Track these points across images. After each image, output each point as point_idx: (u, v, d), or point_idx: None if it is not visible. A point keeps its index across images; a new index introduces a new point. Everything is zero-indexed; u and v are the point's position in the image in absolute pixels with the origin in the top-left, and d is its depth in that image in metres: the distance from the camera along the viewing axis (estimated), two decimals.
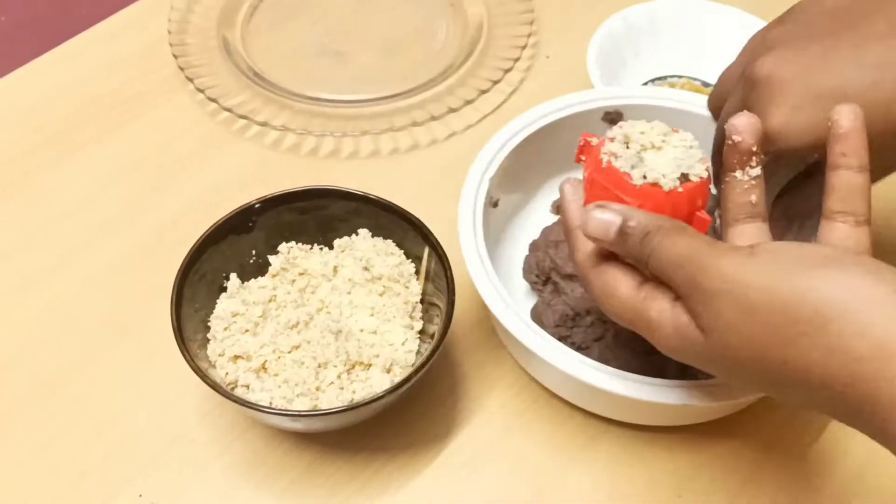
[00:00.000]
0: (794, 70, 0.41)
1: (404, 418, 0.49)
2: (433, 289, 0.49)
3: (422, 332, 0.49)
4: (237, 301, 0.49)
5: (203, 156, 0.63)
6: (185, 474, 0.48)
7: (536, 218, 0.57)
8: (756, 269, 0.32)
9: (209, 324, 0.48)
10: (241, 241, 0.50)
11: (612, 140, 0.39)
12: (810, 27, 0.43)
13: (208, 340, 0.47)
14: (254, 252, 0.51)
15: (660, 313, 0.35)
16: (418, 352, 0.48)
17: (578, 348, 0.49)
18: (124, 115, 0.65)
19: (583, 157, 0.41)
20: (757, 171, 0.39)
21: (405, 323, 0.48)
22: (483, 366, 0.52)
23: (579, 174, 0.56)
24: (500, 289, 0.47)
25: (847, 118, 0.37)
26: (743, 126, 0.38)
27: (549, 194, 0.58)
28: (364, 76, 0.67)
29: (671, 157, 0.38)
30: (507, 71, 0.66)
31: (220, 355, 0.46)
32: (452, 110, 0.63)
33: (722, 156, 0.40)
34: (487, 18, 0.70)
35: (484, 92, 0.64)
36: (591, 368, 0.43)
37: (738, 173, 0.39)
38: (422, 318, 0.49)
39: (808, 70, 0.41)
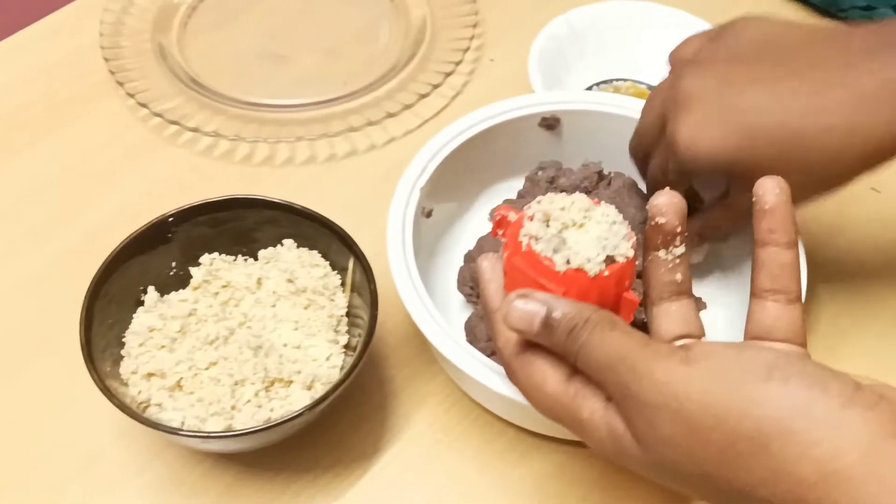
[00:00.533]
0: (712, 87, 0.41)
1: (331, 436, 0.48)
2: (361, 302, 0.47)
3: (348, 346, 0.47)
4: (154, 315, 0.47)
5: (134, 162, 0.61)
6: (101, 496, 0.46)
7: (473, 227, 0.55)
8: (692, 380, 0.29)
9: (124, 339, 0.46)
10: (158, 254, 0.48)
11: (531, 218, 0.36)
12: (736, 51, 0.43)
13: (122, 357, 0.45)
14: (173, 264, 0.49)
15: (592, 414, 0.33)
16: (343, 367, 0.46)
17: None
18: (54, 121, 0.63)
19: (500, 232, 0.38)
20: (681, 249, 0.37)
21: (330, 337, 0.47)
22: (414, 380, 0.50)
23: (517, 183, 0.55)
24: (428, 303, 0.45)
25: (772, 193, 0.35)
26: (666, 206, 0.36)
27: (486, 203, 0.56)
28: (304, 80, 0.66)
29: (594, 235, 0.35)
30: (449, 74, 0.64)
31: (133, 373, 0.45)
32: (391, 115, 0.61)
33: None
34: (431, 20, 0.69)
35: (424, 96, 0.63)
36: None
37: (661, 252, 0.37)
38: (348, 332, 0.48)
39: (725, 89, 0.41)
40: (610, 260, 0.35)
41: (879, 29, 0.41)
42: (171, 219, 0.47)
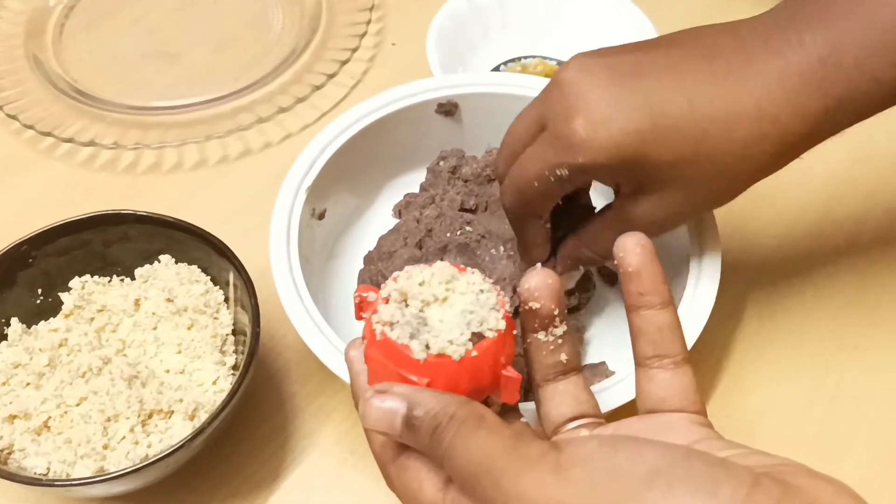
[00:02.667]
0: (604, 76, 0.36)
1: (227, 465, 0.44)
2: (246, 318, 0.43)
3: (236, 367, 0.43)
4: (20, 350, 0.42)
5: (5, 180, 0.56)
6: None
7: (376, 224, 0.52)
8: (565, 494, 0.25)
9: None
10: (18, 283, 0.43)
11: (385, 300, 0.31)
12: (622, 48, 0.38)
13: None
14: (39, 291, 0.44)
15: None
16: (230, 390, 0.42)
17: None
18: None
19: (364, 315, 0.33)
20: (562, 328, 0.33)
21: (216, 359, 0.43)
22: (317, 397, 0.47)
23: (419, 175, 0.52)
24: (316, 314, 0.41)
25: (633, 253, 0.32)
26: (539, 290, 0.32)
27: (389, 197, 0.53)
28: (192, 78, 0.61)
29: (459, 310, 0.31)
30: (345, 63, 0.60)
31: None
32: (283, 110, 0.57)
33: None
34: (327, 4, 0.65)
35: (318, 87, 0.59)
36: None
37: (540, 335, 0.33)
38: (235, 351, 0.44)
39: (619, 77, 0.36)
40: (478, 337, 0.30)
41: (765, 15, 0.37)
42: (24, 246, 0.43)
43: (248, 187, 0.56)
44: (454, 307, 0.31)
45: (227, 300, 0.45)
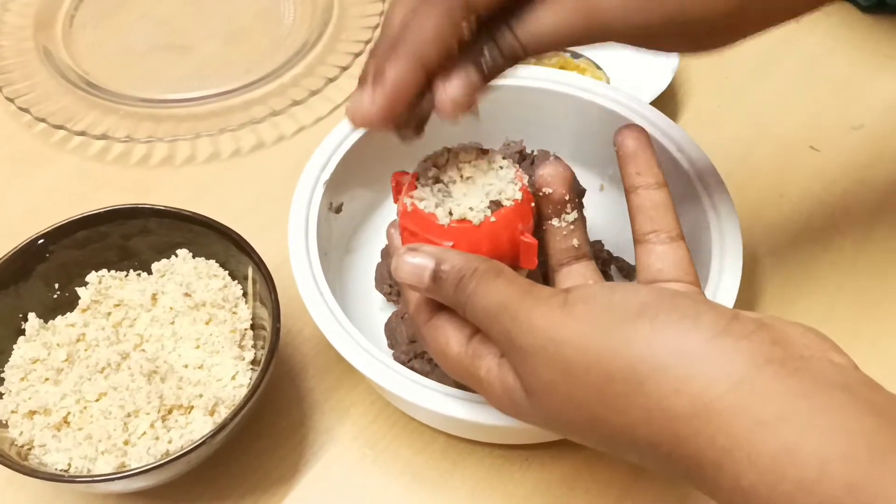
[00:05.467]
0: None
1: (246, 461, 0.44)
2: (265, 312, 0.43)
3: (255, 362, 0.43)
4: (37, 345, 0.42)
5: (17, 174, 0.56)
6: None
7: (393, 219, 0.51)
8: (568, 323, 0.28)
9: (3, 375, 0.41)
10: (36, 277, 0.43)
11: (415, 177, 0.36)
12: None
13: (2, 395, 0.41)
14: (56, 286, 0.44)
15: (487, 373, 0.32)
16: (250, 385, 0.42)
17: (435, 365, 0.44)
18: None
19: (400, 197, 0.37)
20: (574, 214, 0.36)
21: (234, 354, 0.42)
22: (336, 392, 0.46)
23: None
24: (336, 309, 0.41)
25: (631, 138, 0.36)
26: (551, 176, 0.36)
27: None
28: (203, 70, 0.61)
29: (480, 184, 0.35)
30: (358, 55, 0.60)
31: (13, 412, 0.40)
32: (297, 103, 0.57)
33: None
34: None
35: (332, 80, 0.58)
36: (441, 395, 0.38)
37: (554, 221, 0.36)
38: (254, 346, 0.43)
39: None
40: (496, 205, 0.34)
41: None
42: (41, 240, 0.42)
43: (262, 181, 0.55)
44: (476, 183, 0.35)
45: (245, 295, 0.44)
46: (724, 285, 0.42)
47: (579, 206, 0.37)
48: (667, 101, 0.58)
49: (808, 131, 0.57)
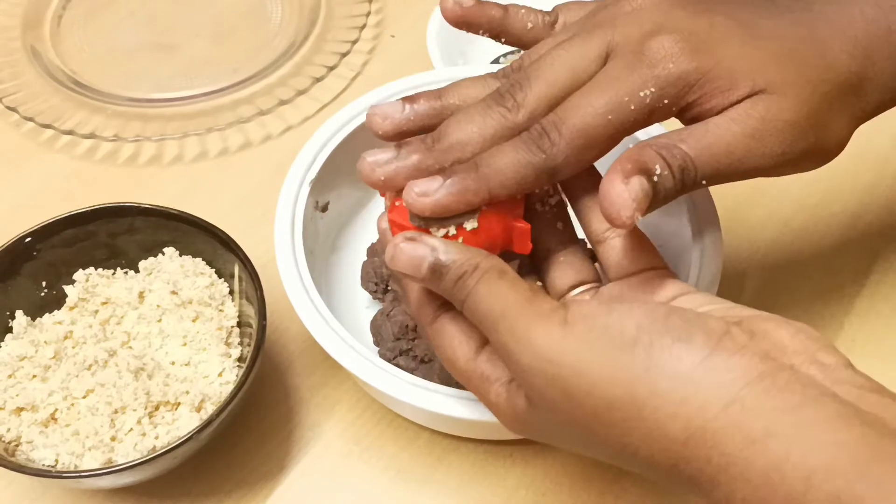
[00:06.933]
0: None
1: (233, 457, 0.44)
2: (252, 310, 0.43)
3: (241, 359, 0.43)
4: (25, 342, 0.43)
5: (5, 173, 0.56)
6: None
7: (383, 212, 0.52)
8: (568, 345, 0.28)
9: None
10: (23, 275, 0.43)
11: None
12: None
13: None
14: (43, 284, 0.44)
15: (497, 397, 0.32)
16: (237, 382, 0.42)
17: (421, 361, 0.44)
18: None
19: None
20: (556, 198, 0.36)
21: (221, 351, 0.43)
22: (322, 388, 0.47)
23: None
24: (322, 306, 0.41)
25: None
26: None
27: None
28: (191, 70, 0.61)
29: None
30: (345, 55, 0.60)
31: (0, 409, 0.40)
32: (284, 102, 0.57)
33: None
34: None
35: (319, 80, 0.59)
36: (426, 391, 0.39)
37: (537, 206, 0.36)
38: (241, 343, 0.44)
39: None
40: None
41: None
42: (29, 238, 0.43)
43: (249, 180, 0.56)
44: None
45: (231, 293, 0.45)
46: (703, 284, 0.42)
47: (559, 190, 0.37)
48: None
49: None
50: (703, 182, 0.33)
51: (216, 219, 0.45)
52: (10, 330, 0.43)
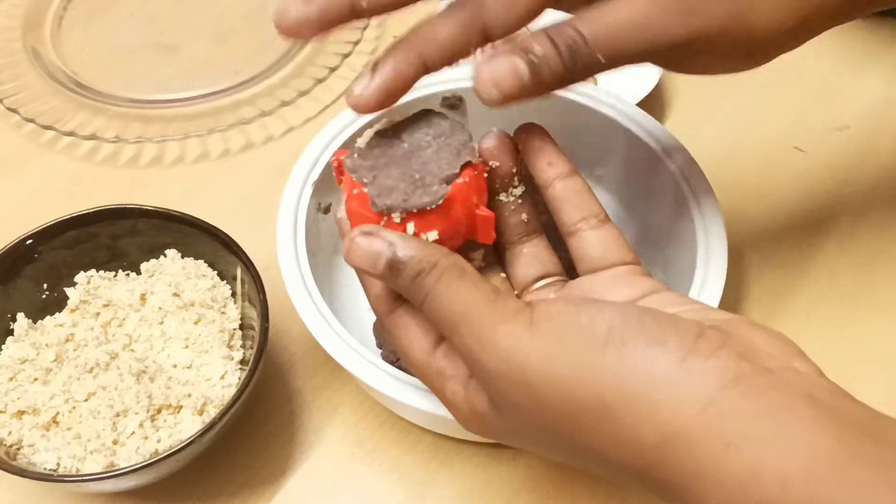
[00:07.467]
0: None
1: (235, 459, 0.44)
2: (254, 312, 0.43)
3: (244, 361, 0.43)
4: (26, 345, 0.42)
5: (6, 174, 0.56)
6: None
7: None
8: (535, 346, 0.27)
9: None
10: (24, 277, 0.43)
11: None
12: None
13: None
14: (45, 286, 0.44)
15: (454, 395, 0.31)
16: (239, 385, 0.42)
17: None
18: None
19: (342, 179, 0.34)
20: (521, 188, 0.35)
21: (223, 353, 0.43)
22: (324, 391, 0.47)
23: None
24: (324, 308, 0.41)
25: (534, 134, 0.34)
26: (497, 149, 0.34)
27: None
28: (192, 71, 0.61)
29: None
30: (346, 56, 0.60)
31: (1, 412, 0.40)
32: (285, 104, 0.57)
33: None
34: None
35: (320, 81, 0.58)
36: (427, 394, 0.38)
37: (501, 196, 0.35)
38: (243, 345, 0.44)
39: None
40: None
41: None
42: (30, 240, 0.43)
43: (251, 181, 0.56)
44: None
45: (233, 295, 0.45)
46: (709, 285, 0.42)
47: (526, 179, 0.35)
48: (653, 103, 0.59)
49: (792, 132, 0.58)
50: (603, 62, 0.31)
51: (218, 220, 0.45)
52: (11, 332, 0.43)
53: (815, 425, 0.24)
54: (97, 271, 0.45)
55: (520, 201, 0.35)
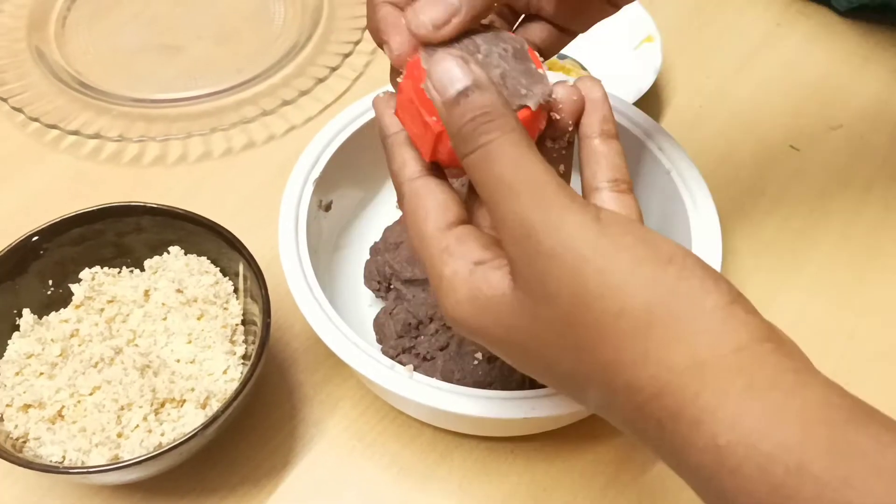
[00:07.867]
0: None
1: (238, 452, 0.45)
2: (256, 308, 0.44)
3: (246, 356, 0.44)
4: (32, 340, 0.43)
5: (11, 173, 0.56)
6: None
7: (381, 217, 0.52)
8: (599, 242, 0.27)
9: None
10: (31, 274, 0.44)
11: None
12: None
13: None
14: (50, 282, 0.45)
15: (453, 275, 0.30)
16: (241, 379, 0.43)
17: (423, 359, 0.45)
18: None
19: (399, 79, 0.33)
20: (566, 140, 0.35)
21: (226, 349, 0.43)
22: (325, 385, 0.47)
23: None
24: (325, 304, 0.42)
25: (596, 88, 0.34)
26: (564, 104, 0.33)
27: (393, 191, 0.53)
28: (194, 70, 0.62)
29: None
30: (347, 56, 0.61)
31: (8, 406, 0.41)
32: (287, 103, 0.58)
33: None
34: None
35: (322, 80, 0.59)
36: (429, 388, 0.39)
37: (548, 142, 0.34)
38: (245, 341, 0.44)
39: None
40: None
41: None
42: (36, 237, 0.43)
43: (253, 179, 0.56)
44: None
45: (236, 291, 0.45)
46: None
47: (572, 134, 0.35)
48: (650, 102, 0.59)
49: (788, 131, 0.59)
50: None
51: (220, 218, 0.45)
52: (17, 328, 0.44)
53: (836, 388, 0.26)
54: (102, 268, 0.46)
55: (563, 153, 0.34)
